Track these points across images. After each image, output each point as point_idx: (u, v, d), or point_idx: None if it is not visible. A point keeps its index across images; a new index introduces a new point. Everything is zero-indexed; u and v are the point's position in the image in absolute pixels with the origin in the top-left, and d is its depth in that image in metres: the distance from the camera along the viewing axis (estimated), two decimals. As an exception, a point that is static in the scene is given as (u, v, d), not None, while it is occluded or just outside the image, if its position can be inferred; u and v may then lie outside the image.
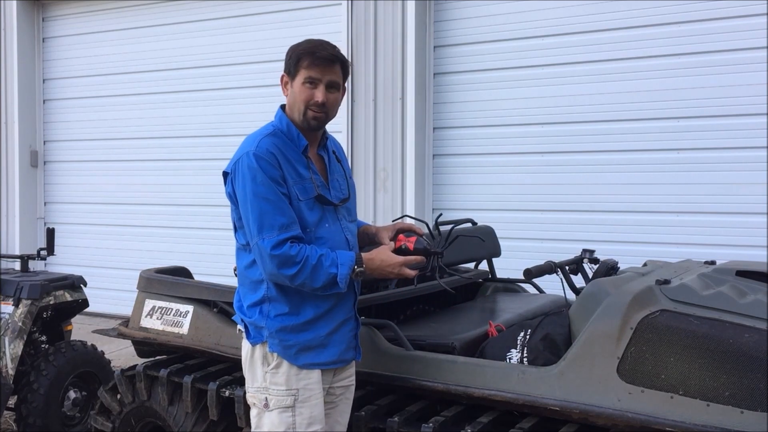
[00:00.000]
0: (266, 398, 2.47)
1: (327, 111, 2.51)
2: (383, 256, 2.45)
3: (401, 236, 2.54)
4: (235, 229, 2.54)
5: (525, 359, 2.72)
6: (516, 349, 2.76)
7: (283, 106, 2.58)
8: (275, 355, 2.45)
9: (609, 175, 5.77)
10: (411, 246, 2.50)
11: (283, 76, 2.54)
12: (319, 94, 2.47)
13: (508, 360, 2.74)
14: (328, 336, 2.50)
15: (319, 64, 2.45)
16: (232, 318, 2.68)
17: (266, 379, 2.47)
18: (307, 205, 2.45)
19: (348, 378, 2.65)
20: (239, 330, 2.59)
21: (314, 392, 2.47)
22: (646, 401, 2.33)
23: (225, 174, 2.51)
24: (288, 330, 2.44)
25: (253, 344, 2.50)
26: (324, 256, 2.37)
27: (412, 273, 2.45)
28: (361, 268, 2.41)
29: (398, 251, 2.49)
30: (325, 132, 2.65)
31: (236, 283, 3.70)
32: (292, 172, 2.44)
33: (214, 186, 7.45)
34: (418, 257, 2.46)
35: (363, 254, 2.44)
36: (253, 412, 2.54)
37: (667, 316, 2.41)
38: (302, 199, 2.44)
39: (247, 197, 2.39)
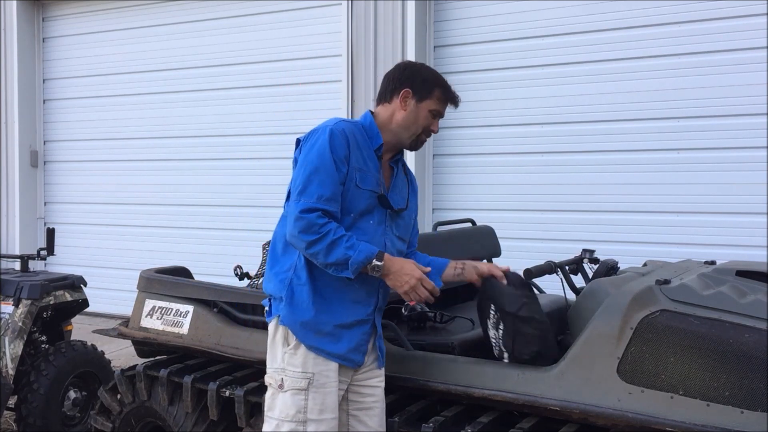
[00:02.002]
0: (282, 379, 2.48)
1: None
2: (406, 263, 2.48)
3: None
4: (287, 198, 2.57)
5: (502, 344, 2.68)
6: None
7: (371, 113, 2.65)
8: (290, 334, 2.48)
9: (609, 175, 5.77)
10: None
11: (407, 91, 2.59)
12: (436, 127, 2.67)
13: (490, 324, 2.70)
14: (339, 328, 2.50)
15: (447, 102, 2.66)
16: (262, 302, 2.70)
17: (284, 360, 2.49)
18: (363, 195, 2.50)
19: (374, 379, 2.63)
20: (264, 309, 2.63)
21: (330, 380, 2.48)
22: (646, 401, 2.33)
23: (298, 141, 2.58)
24: (303, 305, 2.47)
25: (270, 320, 2.55)
26: (346, 237, 2.39)
27: (423, 294, 2.49)
28: (380, 263, 2.41)
29: None
30: (402, 150, 2.73)
31: (236, 282, 3.73)
32: (360, 159, 2.51)
33: (214, 186, 7.47)
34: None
35: (387, 255, 2.46)
36: (268, 393, 2.55)
37: (667, 316, 2.41)
38: (360, 187, 2.50)
39: (304, 163, 2.46)
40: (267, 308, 2.61)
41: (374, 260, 2.40)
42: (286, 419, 2.45)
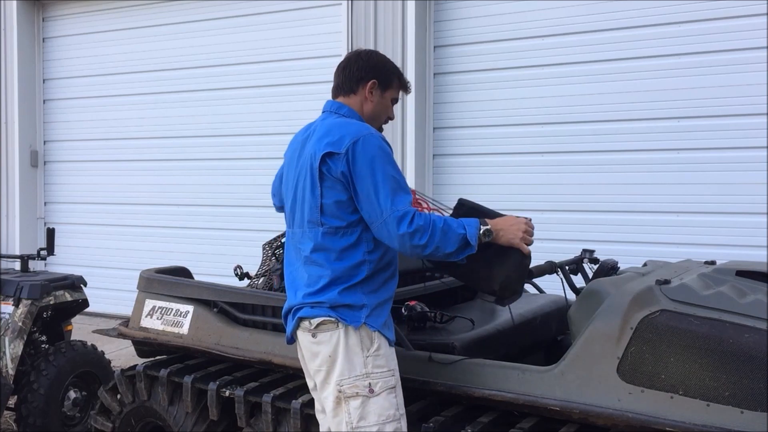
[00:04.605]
0: (369, 384, 2.44)
1: None
2: (502, 217, 2.55)
3: None
4: (322, 212, 2.47)
5: None
6: None
7: (335, 103, 2.67)
8: (375, 335, 2.46)
9: (609, 175, 5.77)
10: None
11: (374, 82, 2.63)
12: (393, 113, 2.76)
13: None
14: (390, 316, 2.58)
15: (401, 89, 2.76)
16: (299, 314, 2.52)
17: (367, 365, 2.44)
18: None
19: None
20: (322, 322, 2.46)
21: (398, 372, 2.54)
22: (646, 401, 2.33)
23: (331, 153, 2.44)
24: (382, 305, 2.51)
25: (356, 328, 2.43)
26: (448, 219, 2.43)
27: (530, 240, 2.58)
28: (487, 227, 2.46)
29: None
30: None
31: (236, 282, 3.72)
32: None
33: (214, 186, 7.47)
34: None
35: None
36: (353, 404, 2.43)
37: (667, 316, 2.41)
38: None
39: (377, 173, 2.40)
40: (329, 320, 2.45)
41: (481, 226, 2.44)
42: (388, 420, 2.43)
